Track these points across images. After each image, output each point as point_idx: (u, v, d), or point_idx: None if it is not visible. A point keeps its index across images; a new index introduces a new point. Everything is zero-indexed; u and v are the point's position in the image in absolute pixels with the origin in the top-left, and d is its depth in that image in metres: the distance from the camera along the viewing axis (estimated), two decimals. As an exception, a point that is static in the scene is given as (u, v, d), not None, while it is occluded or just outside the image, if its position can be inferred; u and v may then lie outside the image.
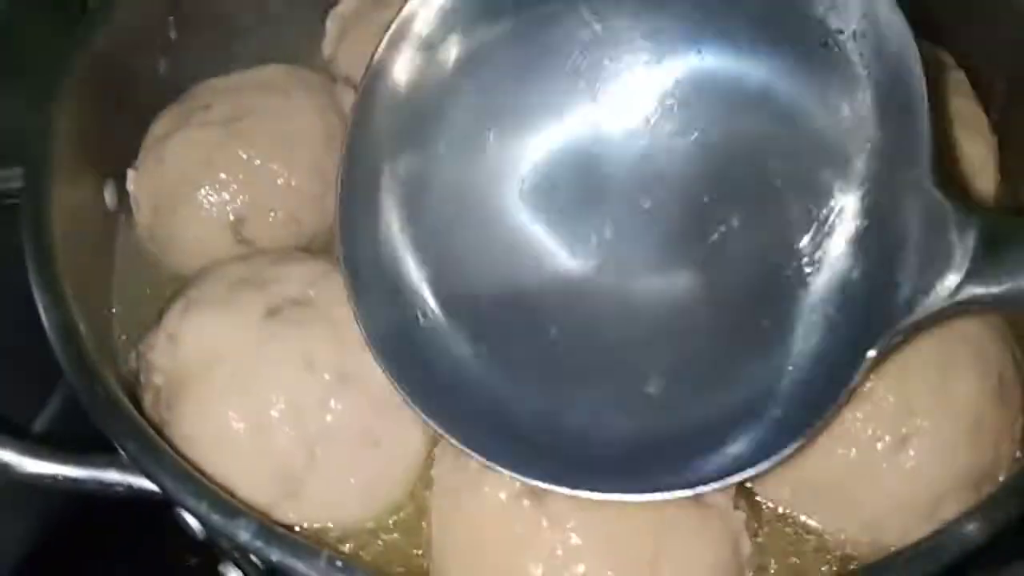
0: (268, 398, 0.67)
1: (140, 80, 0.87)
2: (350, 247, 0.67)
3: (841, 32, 0.61)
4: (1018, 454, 0.69)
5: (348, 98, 0.85)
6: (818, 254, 0.62)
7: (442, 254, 0.68)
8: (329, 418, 0.68)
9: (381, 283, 0.67)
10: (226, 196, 0.80)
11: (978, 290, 0.56)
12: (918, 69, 0.59)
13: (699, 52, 0.66)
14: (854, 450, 0.66)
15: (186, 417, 0.68)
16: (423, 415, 0.64)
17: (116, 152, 0.85)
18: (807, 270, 0.63)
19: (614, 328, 0.67)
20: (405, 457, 0.70)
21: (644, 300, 0.67)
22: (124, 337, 0.79)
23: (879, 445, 0.66)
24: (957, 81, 0.84)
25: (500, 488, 0.63)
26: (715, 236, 0.66)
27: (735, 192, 0.66)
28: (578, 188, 0.69)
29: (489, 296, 0.68)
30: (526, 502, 0.63)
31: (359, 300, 0.66)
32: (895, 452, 0.66)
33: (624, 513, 0.62)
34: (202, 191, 0.80)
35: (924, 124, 0.59)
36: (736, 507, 0.65)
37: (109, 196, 0.84)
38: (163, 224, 0.82)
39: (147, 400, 0.71)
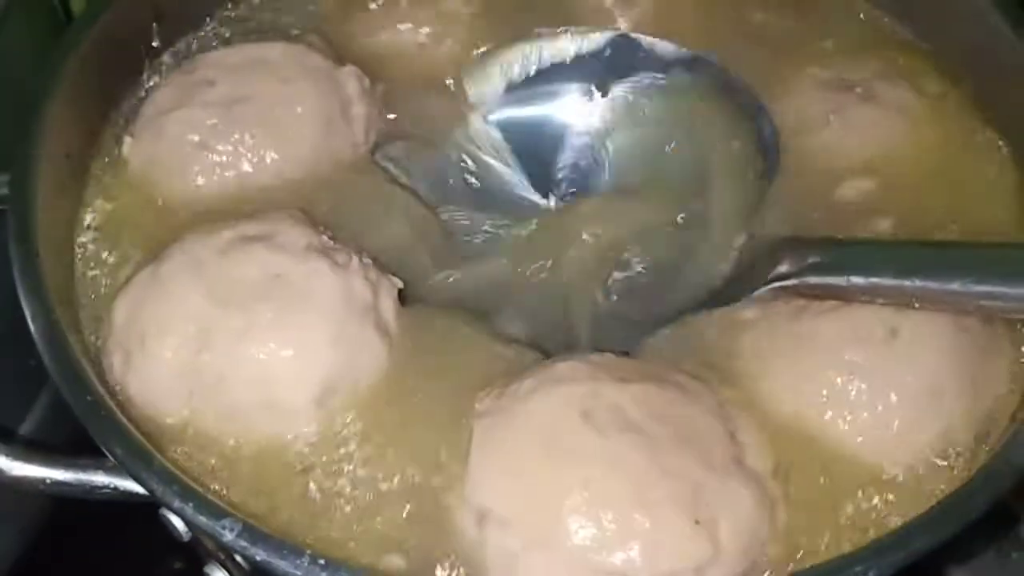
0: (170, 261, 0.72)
1: (122, 89, 0.89)
2: None
3: None
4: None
5: (351, 83, 0.87)
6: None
7: None
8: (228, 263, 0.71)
9: None
10: (216, 180, 0.82)
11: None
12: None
13: None
14: (849, 355, 0.71)
15: (117, 310, 0.73)
16: None
17: (100, 159, 0.86)
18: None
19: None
20: (315, 293, 0.70)
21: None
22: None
23: (872, 339, 0.70)
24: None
25: (551, 399, 0.66)
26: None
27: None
28: None
29: None
30: (576, 414, 0.65)
31: None
32: (887, 342, 0.70)
33: (676, 447, 0.64)
34: (193, 172, 0.82)
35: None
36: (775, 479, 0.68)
37: (94, 202, 0.85)
38: (151, 190, 0.83)
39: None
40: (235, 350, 0.68)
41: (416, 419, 0.71)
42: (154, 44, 0.91)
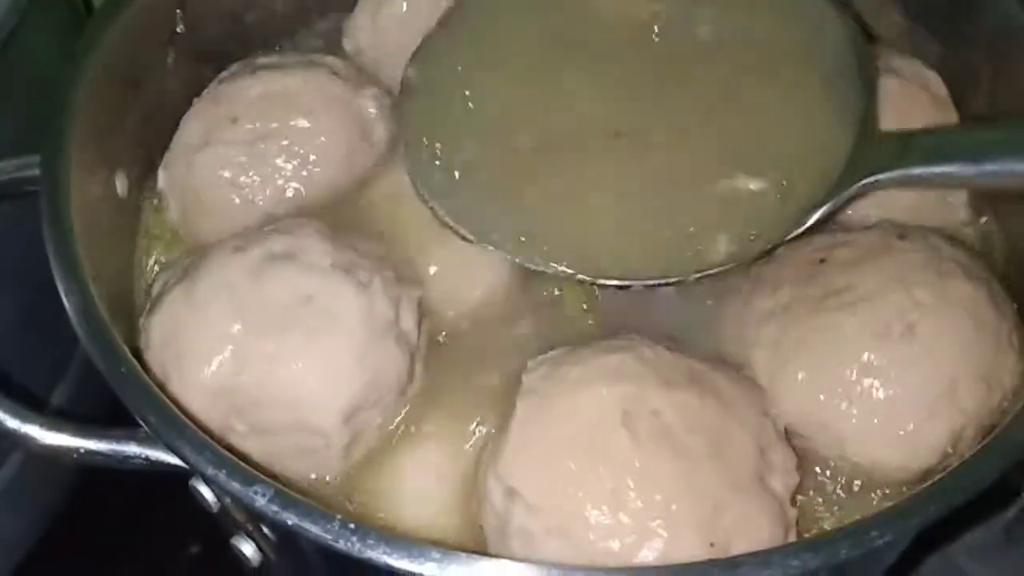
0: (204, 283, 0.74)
1: (148, 74, 0.91)
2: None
3: None
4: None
5: (371, 106, 0.89)
6: None
7: None
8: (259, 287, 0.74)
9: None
10: (248, 212, 0.85)
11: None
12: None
13: None
14: (867, 353, 0.71)
15: (153, 329, 0.75)
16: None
17: (124, 144, 0.88)
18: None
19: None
20: (341, 316, 0.73)
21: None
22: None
23: (890, 336, 0.71)
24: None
25: (595, 396, 0.67)
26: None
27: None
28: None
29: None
30: (617, 416, 0.66)
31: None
32: (905, 339, 0.71)
33: (706, 462, 0.66)
34: (226, 206, 0.85)
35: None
36: (793, 504, 0.69)
37: (120, 186, 0.87)
38: (191, 224, 0.87)
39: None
40: (267, 375, 0.72)
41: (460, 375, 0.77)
42: (178, 30, 0.93)
